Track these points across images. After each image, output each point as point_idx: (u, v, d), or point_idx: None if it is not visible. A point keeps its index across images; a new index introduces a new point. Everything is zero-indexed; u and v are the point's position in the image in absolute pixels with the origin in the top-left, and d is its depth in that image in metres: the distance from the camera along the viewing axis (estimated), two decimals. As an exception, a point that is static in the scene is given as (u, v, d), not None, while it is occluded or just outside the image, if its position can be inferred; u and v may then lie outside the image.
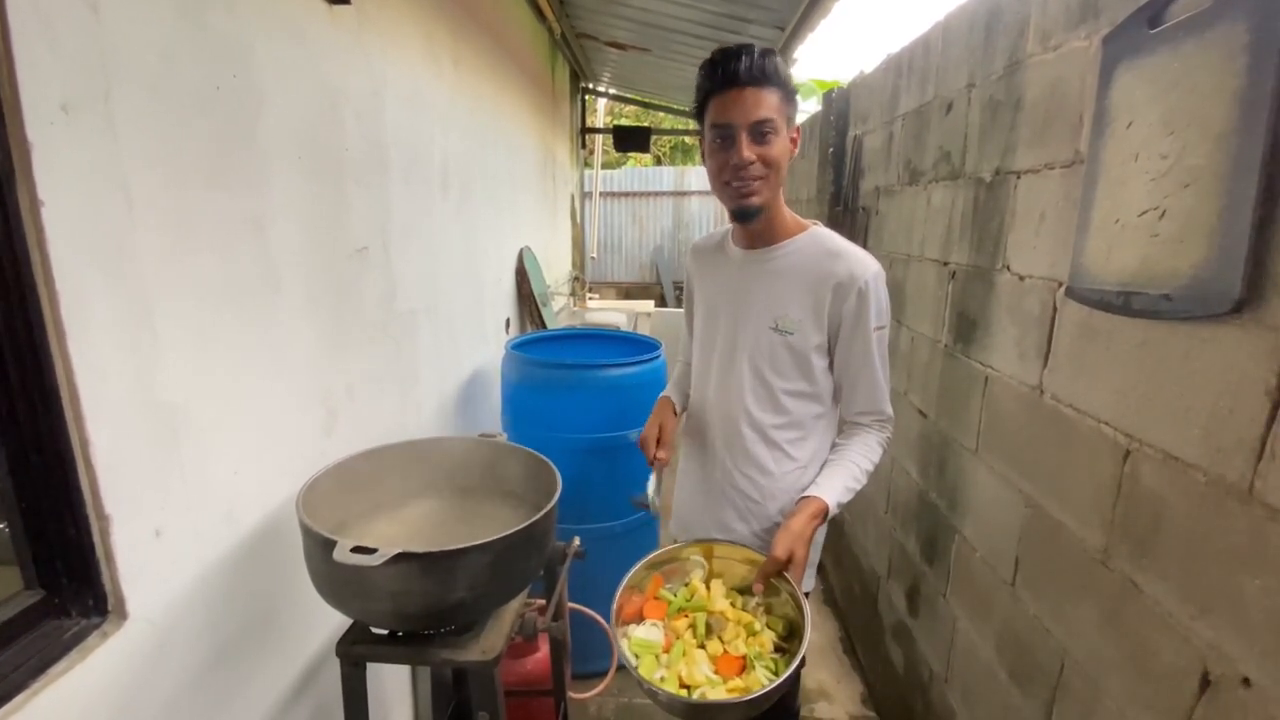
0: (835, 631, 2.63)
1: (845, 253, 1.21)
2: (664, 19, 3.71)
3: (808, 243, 1.24)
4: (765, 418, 1.27)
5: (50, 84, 0.75)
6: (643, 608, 1.12)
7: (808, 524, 1.13)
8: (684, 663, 1.03)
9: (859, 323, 1.19)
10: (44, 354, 0.77)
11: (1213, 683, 0.86)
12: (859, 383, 1.23)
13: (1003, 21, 1.48)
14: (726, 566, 1.20)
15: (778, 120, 1.13)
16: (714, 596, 1.14)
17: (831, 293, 1.18)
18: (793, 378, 1.24)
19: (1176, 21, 0.91)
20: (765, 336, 1.24)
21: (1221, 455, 0.85)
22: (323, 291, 1.36)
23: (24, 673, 0.76)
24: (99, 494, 0.83)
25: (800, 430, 1.28)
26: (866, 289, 1.17)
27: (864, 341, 1.20)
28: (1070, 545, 1.16)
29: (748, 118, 1.12)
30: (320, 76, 1.33)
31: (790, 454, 1.28)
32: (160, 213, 0.91)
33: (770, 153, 1.14)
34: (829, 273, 1.19)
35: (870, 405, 1.25)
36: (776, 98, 1.13)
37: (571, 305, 5.25)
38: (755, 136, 1.13)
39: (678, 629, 1.09)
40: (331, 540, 0.94)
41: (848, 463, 1.23)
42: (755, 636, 1.08)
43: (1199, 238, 0.86)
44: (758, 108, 1.11)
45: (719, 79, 1.13)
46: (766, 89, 1.11)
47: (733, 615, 1.11)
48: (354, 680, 1.16)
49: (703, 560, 1.21)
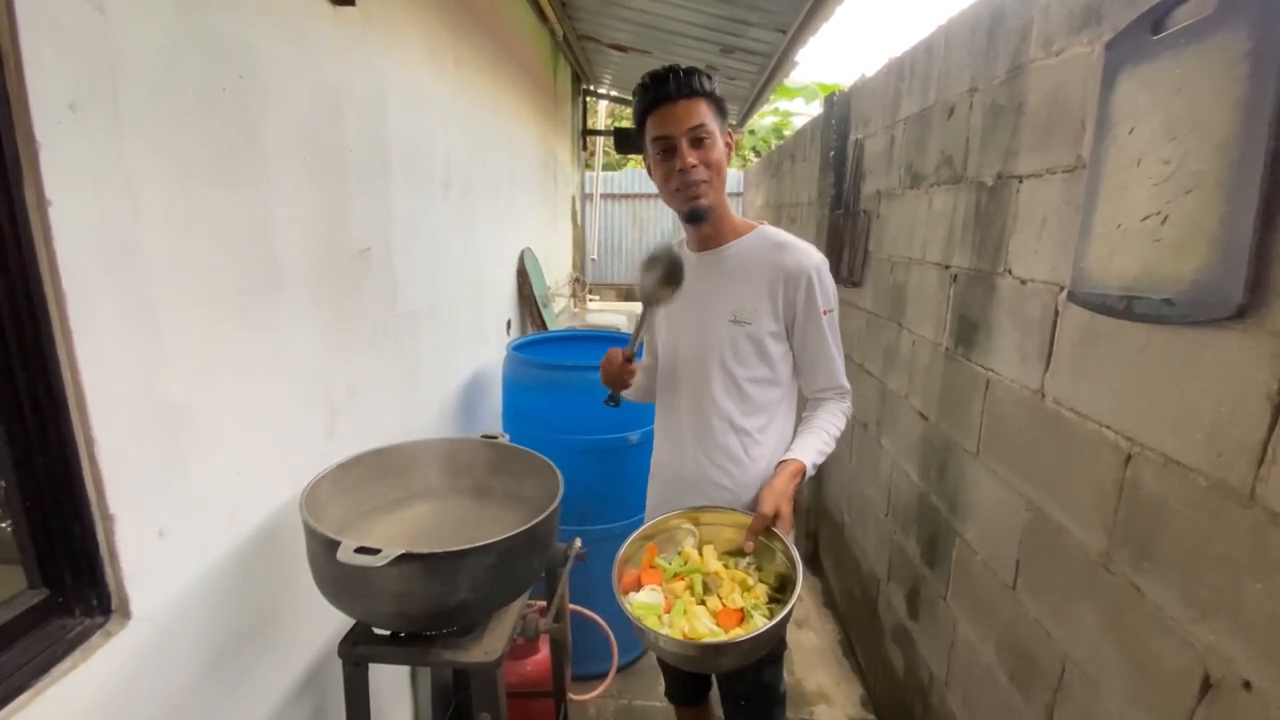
0: (835, 634, 2.63)
1: (791, 245, 1.31)
2: (666, 22, 3.71)
3: (756, 239, 1.34)
4: (732, 407, 1.35)
5: (58, 83, 0.75)
6: (640, 576, 1.18)
7: (789, 482, 1.23)
8: (685, 619, 1.07)
9: (810, 310, 1.29)
10: (50, 353, 0.77)
11: (1214, 686, 0.86)
12: (818, 364, 1.34)
13: (1005, 26, 1.49)
14: (715, 533, 1.26)
15: (711, 126, 1.24)
16: (707, 560, 1.20)
17: (783, 283, 1.29)
18: (754, 365, 1.33)
19: (1179, 28, 0.91)
20: (726, 329, 1.32)
21: (1223, 459, 0.86)
22: (325, 292, 1.36)
23: (28, 672, 0.76)
24: (103, 493, 0.83)
25: (765, 416, 1.36)
26: (813, 277, 1.28)
27: (817, 327, 1.30)
28: (1071, 548, 1.17)
29: (684, 126, 1.22)
30: (324, 77, 1.34)
31: (757, 439, 1.36)
32: (165, 212, 0.92)
33: (709, 156, 1.24)
34: (779, 264, 1.29)
35: (830, 382, 1.36)
36: (706, 107, 1.23)
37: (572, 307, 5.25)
38: (694, 143, 1.23)
39: (676, 590, 1.14)
40: (335, 541, 0.94)
41: (818, 429, 1.33)
42: (750, 591, 1.14)
43: (1201, 243, 0.86)
44: (691, 117, 1.22)
45: (652, 97, 1.24)
46: (696, 100, 1.22)
47: (726, 574, 1.16)
48: (356, 681, 1.16)
49: (692, 528, 1.27)
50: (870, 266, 2.50)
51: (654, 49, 4.45)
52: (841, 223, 2.73)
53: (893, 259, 2.22)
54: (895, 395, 2.16)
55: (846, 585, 2.66)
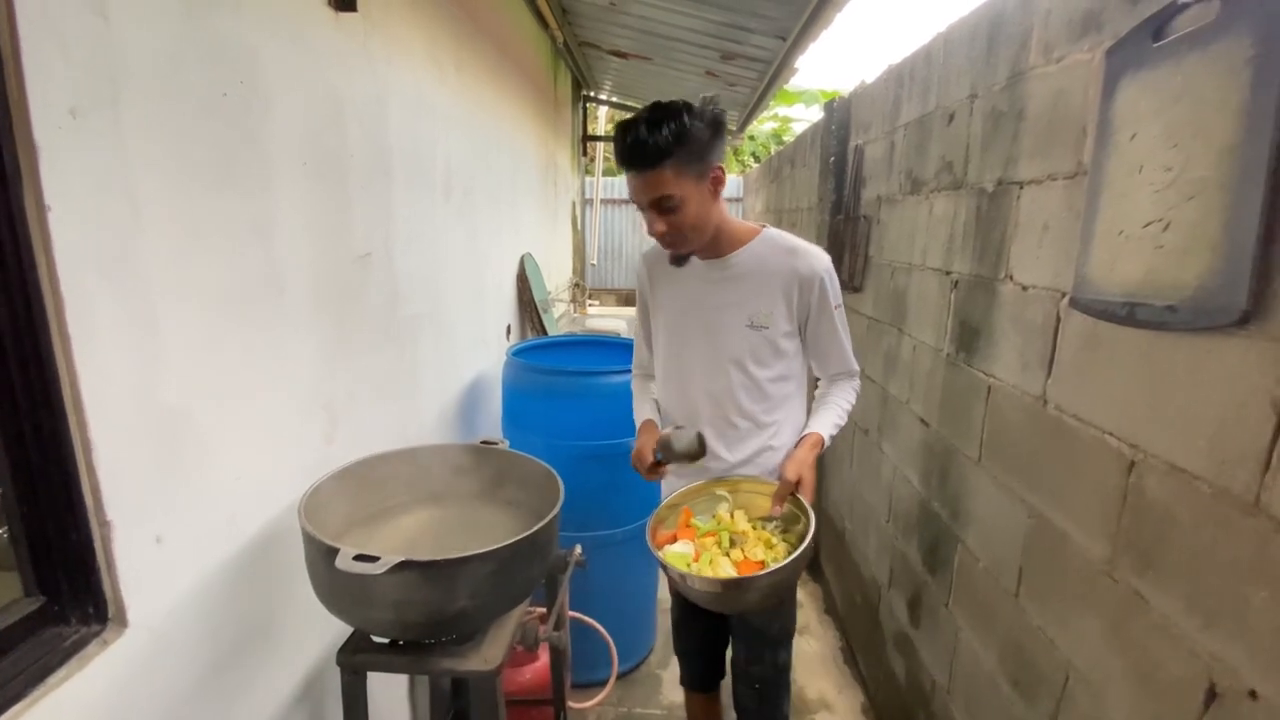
0: (836, 641, 2.62)
1: (800, 249, 1.35)
2: (666, 28, 3.72)
3: (763, 244, 1.37)
4: (755, 407, 1.40)
5: (58, 88, 0.75)
6: (676, 534, 1.31)
7: (809, 452, 1.33)
8: (711, 568, 1.21)
9: (823, 308, 1.36)
10: (48, 358, 0.77)
11: (1219, 695, 0.86)
12: (830, 352, 1.42)
13: (1005, 33, 1.49)
14: (748, 500, 1.37)
15: (676, 192, 1.21)
16: (737, 521, 1.32)
17: (798, 287, 1.33)
18: (773, 365, 1.38)
19: (1180, 35, 0.91)
20: (744, 334, 1.36)
21: (1226, 467, 0.85)
22: (326, 297, 1.36)
23: (23, 680, 0.75)
24: (100, 500, 0.82)
25: (784, 410, 1.42)
26: (825, 281, 1.34)
27: (829, 322, 1.38)
28: (1074, 556, 1.16)
29: (646, 197, 1.24)
30: (326, 82, 1.34)
31: (778, 431, 1.42)
32: (166, 218, 0.91)
33: (679, 220, 1.25)
34: (791, 268, 1.33)
35: (841, 366, 1.44)
36: (671, 172, 1.19)
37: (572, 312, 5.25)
38: (659, 211, 1.24)
39: (706, 545, 1.27)
40: (334, 548, 0.94)
41: (832, 405, 1.43)
42: (773, 549, 1.26)
43: (1204, 249, 0.86)
44: (651, 189, 1.22)
45: (618, 157, 1.24)
46: (656, 169, 1.19)
47: (752, 534, 1.29)
48: (354, 689, 1.15)
49: (726, 494, 1.38)
50: (871, 272, 2.50)
51: (654, 55, 4.46)
52: (842, 228, 2.73)
53: (893, 264, 2.22)
54: (896, 401, 2.15)
55: (848, 592, 2.65)
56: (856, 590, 2.52)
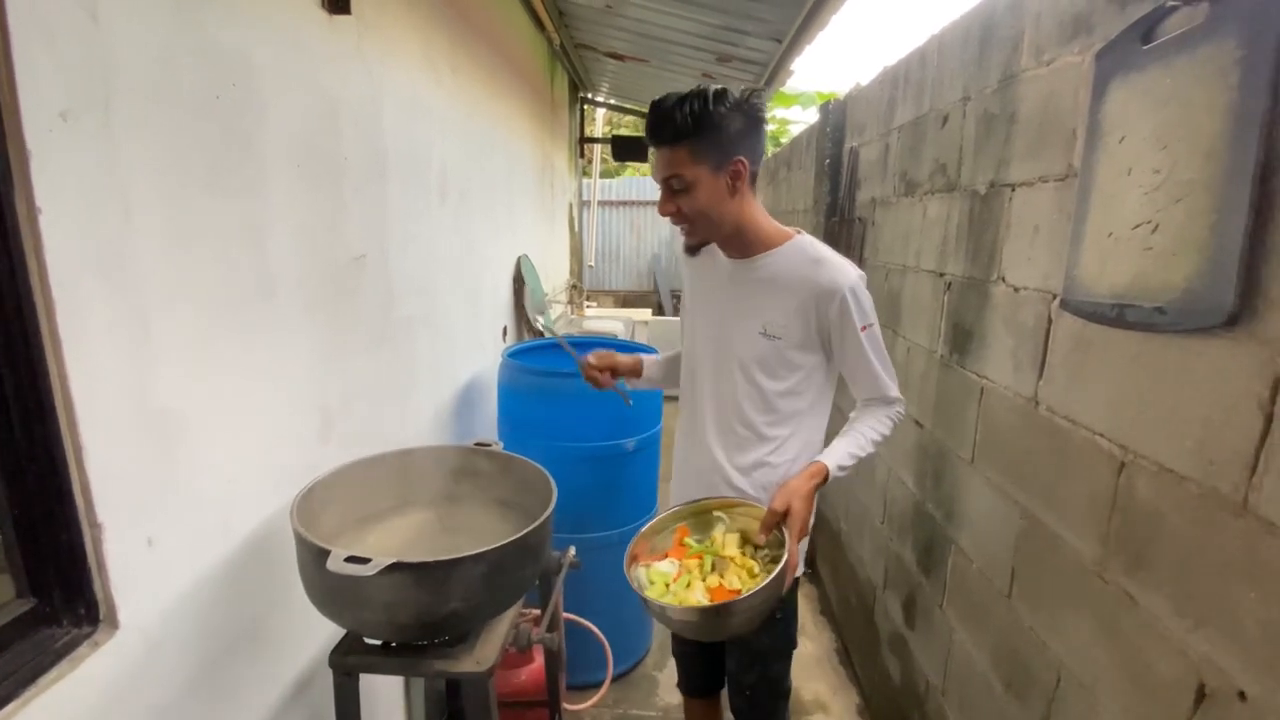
0: (831, 642, 2.62)
1: (827, 260, 1.28)
2: (662, 31, 3.73)
3: (792, 251, 1.31)
4: (758, 418, 1.35)
5: (49, 91, 0.75)
6: (669, 552, 1.27)
7: (805, 482, 1.22)
8: (687, 591, 1.18)
9: (845, 328, 1.27)
10: (39, 361, 0.77)
11: (1209, 696, 0.86)
12: (859, 376, 1.33)
13: (997, 36, 1.50)
14: (745, 524, 1.30)
15: (688, 174, 1.20)
16: (727, 545, 1.26)
17: (816, 300, 1.26)
18: (783, 377, 1.32)
19: (1169, 38, 0.92)
20: (755, 341, 1.31)
21: (1215, 468, 0.86)
22: (320, 299, 1.36)
23: (13, 682, 0.75)
24: (92, 502, 0.82)
25: (790, 426, 1.36)
26: (847, 298, 1.24)
27: (855, 343, 1.28)
28: (1066, 557, 1.16)
29: (660, 175, 1.23)
30: (319, 85, 1.34)
31: (781, 448, 1.36)
32: (158, 220, 0.91)
33: (687, 204, 1.23)
34: (813, 280, 1.26)
35: (873, 393, 1.34)
36: (687, 153, 1.19)
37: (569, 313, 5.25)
38: (669, 191, 1.24)
39: (689, 566, 1.23)
40: (325, 550, 0.94)
41: (855, 433, 1.31)
42: (755, 578, 1.20)
43: (1192, 251, 0.87)
44: (665, 166, 1.22)
45: (646, 134, 1.25)
46: (674, 147, 1.19)
47: (738, 560, 1.23)
48: (347, 691, 1.15)
49: (724, 516, 1.32)
50: (866, 274, 2.50)
51: (651, 57, 4.47)
52: (837, 230, 2.74)
53: (888, 266, 2.23)
54: (891, 402, 2.16)
55: (843, 593, 2.66)
56: (852, 591, 2.52)
